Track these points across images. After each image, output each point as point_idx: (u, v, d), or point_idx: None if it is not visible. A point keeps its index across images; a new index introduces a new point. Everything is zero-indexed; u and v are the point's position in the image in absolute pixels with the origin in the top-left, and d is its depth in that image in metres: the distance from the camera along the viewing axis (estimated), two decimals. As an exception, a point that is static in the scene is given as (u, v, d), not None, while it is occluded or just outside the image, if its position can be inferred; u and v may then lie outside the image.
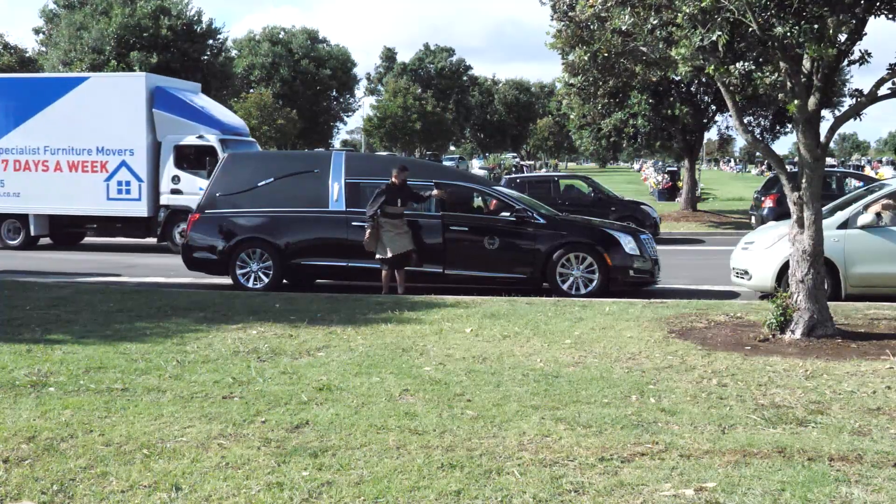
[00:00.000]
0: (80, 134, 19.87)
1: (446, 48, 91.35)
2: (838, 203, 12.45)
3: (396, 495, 4.53)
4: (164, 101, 20.08)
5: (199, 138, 19.70)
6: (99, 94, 19.99)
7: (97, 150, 19.89)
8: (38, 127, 20.08)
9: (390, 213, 12.37)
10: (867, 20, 8.24)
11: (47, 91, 20.38)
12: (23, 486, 4.67)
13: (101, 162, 19.97)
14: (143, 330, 9.20)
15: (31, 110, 20.19)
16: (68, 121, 19.91)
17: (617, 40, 8.76)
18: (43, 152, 20.14)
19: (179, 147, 19.72)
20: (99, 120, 19.77)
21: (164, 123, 19.93)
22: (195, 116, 20.35)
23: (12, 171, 20.33)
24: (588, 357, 7.91)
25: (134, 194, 19.93)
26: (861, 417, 5.95)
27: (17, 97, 20.40)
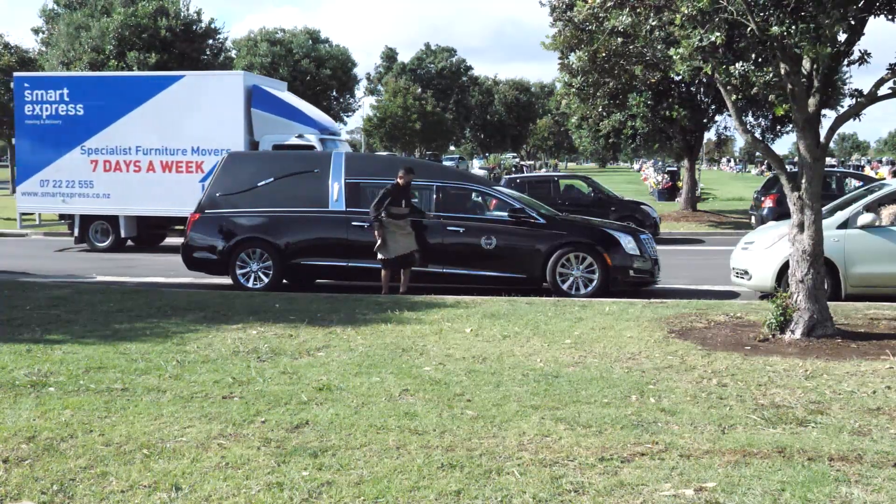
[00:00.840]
0: (174, 134, 19.48)
1: (447, 48, 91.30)
2: (838, 203, 12.45)
3: (396, 495, 4.53)
4: (262, 100, 19.73)
5: (300, 138, 19.35)
6: (195, 93, 19.60)
7: (192, 150, 19.51)
8: (130, 127, 19.70)
9: (395, 213, 12.37)
10: (867, 20, 8.24)
11: (139, 90, 19.96)
12: (23, 486, 4.67)
13: (196, 162, 19.60)
14: (143, 330, 9.20)
15: (122, 110, 19.79)
16: (162, 120, 19.53)
17: (616, 41, 8.76)
18: (135, 152, 19.78)
19: (278, 146, 19.25)
20: (194, 119, 19.38)
21: (261, 122, 19.54)
22: (292, 115, 20.01)
23: (102, 171, 19.90)
24: (588, 357, 7.91)
25: None
26: (861, 417, 5.95)
27: (108, 96, 19.94)
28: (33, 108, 20.19)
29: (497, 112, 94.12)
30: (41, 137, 20.08)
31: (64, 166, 20.02)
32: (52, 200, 20.29)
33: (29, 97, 20.22)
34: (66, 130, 19.98)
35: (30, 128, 20.29)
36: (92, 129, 19.92)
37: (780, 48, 7.95)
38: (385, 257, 12.40)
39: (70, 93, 20.08)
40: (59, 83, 20.40)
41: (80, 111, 19.97)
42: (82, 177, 20.00)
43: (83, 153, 19.97)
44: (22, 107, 20.38)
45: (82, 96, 20.03)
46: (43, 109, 20.18)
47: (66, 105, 20.06)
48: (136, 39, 29.09)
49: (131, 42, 29.05)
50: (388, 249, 12.37)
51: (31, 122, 20.24)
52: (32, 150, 20.28)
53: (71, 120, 19.97)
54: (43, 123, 20.16)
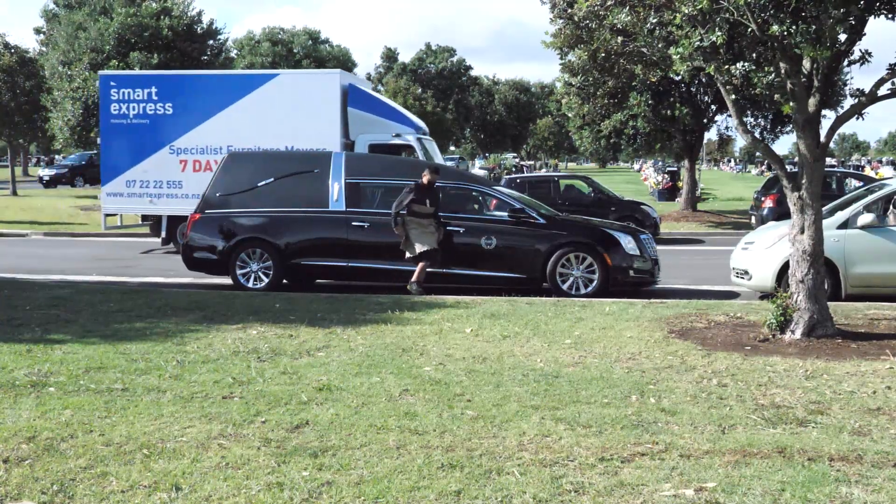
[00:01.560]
0: (267, 133, 18.97)
1: (447, 48, 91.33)
2: (838, 203, 12.45)
3: (396, 495, 4.53)
4: (359, 99, 19.35)
5: (397, 137, 18.95)
6: (289, 92, 19.13)
7: (287, 150, 18.83)
8: (221, 126, 19.23)
9: (418, 212, 12.31)
10: (867, 20, 8.24)
11: (231, 88, 19.55)
12: (23, 486, 4.67)
13: None
14: (143, 330, 9.20)
15: (213, 109, 19.35)
16: (254, 119, 19.07)
17: (616, 40, 8.76)
18: (226, 152, 18.96)
19: (374, 146, 18.92)
20: (289, 118, 18.89)
21: (358, 122, 19.12)
22: (389, 114, 19.62)
23: (191, 171, 19.33)
24: (588, 357, 7.91)
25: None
26: (861, 417, 5.95)
27: (198, 95, 19.53)
28: (119, 108, 19.61)
29: (497, 112, 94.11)
30: (127, 137, 19.48)
31: (151, 166, 19.51)
32: (139, 201, 19.66)
33: (115, 96, 19.62)
34: (153, 130, 19.45)
35: (115, 127, 19.67)
36: (181, 129, 19.42)
37: (781, 48, 7.94)
38: (412, 255, 12.36)
39: (159, 91, 19.56)
40: (148, 81, 19.90)
41: (168, 110, 19.48)
42: (171, 177, 19.42)
43: (172, 153, 19.38)
44: (107, 106, 19.68)
45: (171, 95, 19.54)
46: (130, 108, 19.60)
47: (155, 104, 19.53)
48: (138, 39, 29.09)
49: (132, 42, 29.05)
50: (413, 246, 12.34)
51: (117, 121, 19.63)
52: (118, 151, 19.71)
53: (159, 119, 19.47)
54: (130, 123, 19.58)
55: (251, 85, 19.46)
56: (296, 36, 69.21)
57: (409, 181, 13.56)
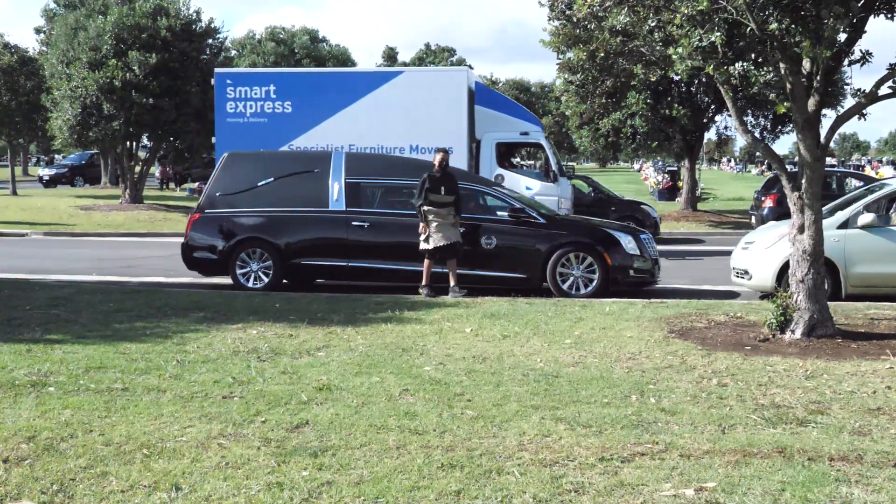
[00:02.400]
0: (392, 132, 18.59)
1: (447, 48, 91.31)
2: (838, 203, 12.45)
3: (396, 495, 4.53)
4: (486, 97, 19.04)
5: (525, 134, 18.66)
6: (414, 90, 18.64)
7: (411, 149, 18.67)
8: (341, 125, 18.81)
9: (434, 201, 12.15)
10: (867, 19, 8.24)
11: (354, 86, 19.14)
12: (23, 486, 4.67)
13: None
14: (143, 330, 9.20)
15: (335, 107, 18.88)
16: (378, 118, 18.68)
17: (615, 40, 8.76)
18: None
19: (502, 144, 18.72)
20: (414, 117, 18.48)
21: (485, 120, 18.76)
22: (515, 111, 19.24)
23: None
24: (588, 357, 7.91)
25: None
26: (861, 417, 5.95)
27: (319, 93, 19.09)
28: (236, 106, 19.16)
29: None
30: (244, 136, 18.86)
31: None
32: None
33: (231, 94, 19.15)
34: (271, 129, 18.97)
35: (231, 126, 19.17)
36: (301, 128, 18.98)
37: (780, 48, 7.94)
38: (426, 247, 12.16)
39: (277, 89, 19.14)
40: (266, 79, 19.51)
41: (287, 108, 19.04)
42: None
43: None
44: (223, 104, 19.12)
45: (291, 93, 19.13)
46: (247, 107, 19.15)
47: (273, 102, 19.08)
48: (136, 39, 29.04)
49: (129, 41, 28.99)
50: (429, 241, 12.12)
51: (233, 120, 19.16)
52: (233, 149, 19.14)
53: (277, 118, 19.00)
54: (246, 121, 19.14)
55: (374, 83, 19.04)
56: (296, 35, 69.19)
57: (408, 181, 13.57)
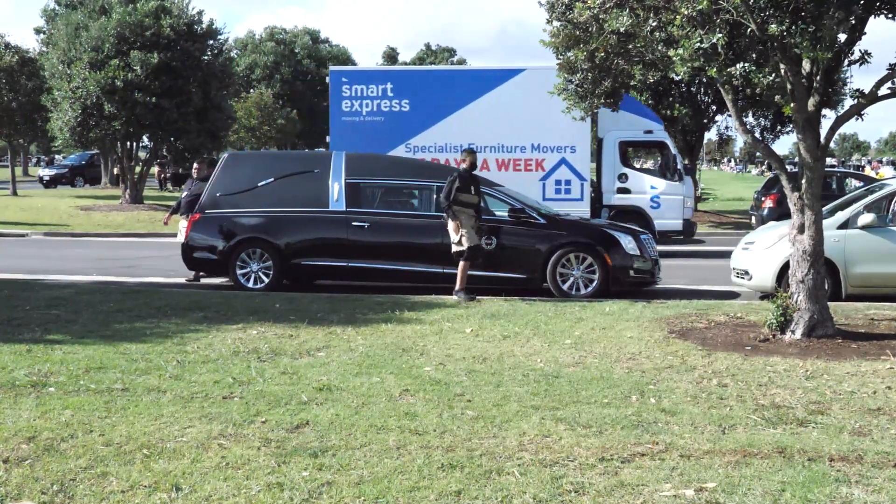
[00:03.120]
0: (512, 130, 18.42)
1: (447, 48, 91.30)
2: (839, 203, 12.45)
3: (396, 495, 4.53)
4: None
5: (648, 133, 18.54)
6: (536, 87, 17.75)
7: (532, 148, 18.54)
8: (461, 123, 18.62)
9: (465, 202, 11.92)
10: (867, 20, 8.23)
11: (473, 84, 18.90)
12: (23, 486, 4.67)
13: (536, 160, 18.62)
14: (143, 330, 9.20)
15: (454, 105, 18.66)
16: (499, 116, 18.46)
17: (614, 41, 8.75)
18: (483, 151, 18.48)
19: (625, 143, 18.61)
20: (536, 115, 18.02)
21: (606, 118, 18.49)
22: (637, 109, 19.09)
23: None
24: (588, 357, 7.90)
25: (575, 194, 18.59)
26: (861, 418, 5.95)
27: (438, 91, 18.88)
28: (352, 104, 19.03)
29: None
30: (359, 135, 18.82)
31: None
32: None
33: (347, 92, 18.99)
34: (388, 127, 18.79)
35: (347, 125, 19.03)
36: (418, 126, 18.84)
37: (780, 48, 7.94)
38: (460, 248, 11.88)
39: (395, 88, 19.01)
40: (383, 78, 19.37)
41: (405, 107, 18.92)
42: None
43: (408, 151, 18.80)
44: (339, 102, 19.09)
45: (408, 91, 18.98)
46: (363, 105, 18.96)
47: (390, 101, 18.85)
48: (137, 39, 29.05)
49: (131, 41, 29.01)
50: (462, 241, 11.87)
51: (349, 118, 19.03)
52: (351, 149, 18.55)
53: (395, 116, 18.80)
54: (363, 120, 18.98)
55: (494, 81, 18.82)
56: (297, 36, 69.21)
57: (408, 181, 13.58)
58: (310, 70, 66.17)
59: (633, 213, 18.43)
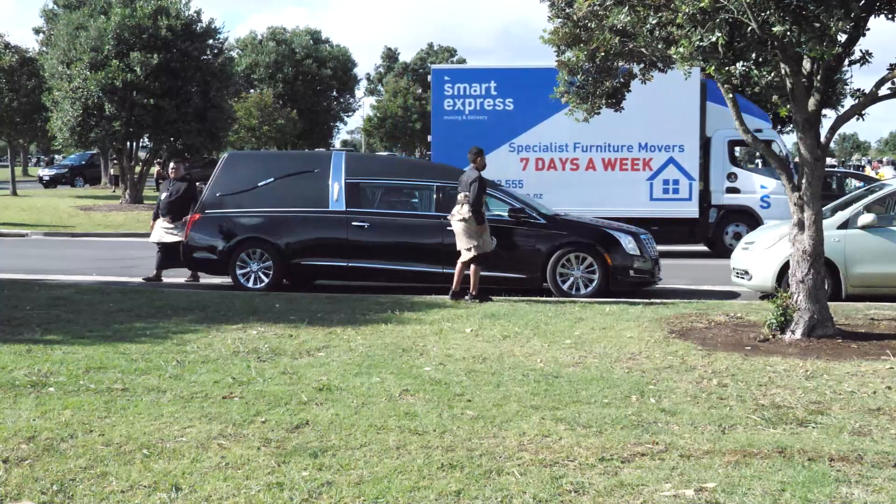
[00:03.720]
0: (618, 130, 17.94)
1: (448, 48, 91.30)
2: (839, 203, 12.45)
3: (396, 495, 4.52)
4: (717, 93, 17.85)
5: (758, 132, 17.37)
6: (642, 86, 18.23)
7: (639, 147, 18.28)
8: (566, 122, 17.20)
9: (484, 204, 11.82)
10: (867, 20, 8.23)
11: None
12: (23, 486, 4.67)
13: (643, 159, 18.37)
14: (143, 330, 9.20)
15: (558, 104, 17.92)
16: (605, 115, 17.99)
17: (615, 40, 8.75)
18: (572, 150, 18.43)
19: (734, 142, 18.37)
20: (641, 114, 17.25)
21: (715, 117, 18.22)
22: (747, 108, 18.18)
23: (533, 170, 18.49)
24: (588, 357, 7.90)
25: (683, 194, 18.29)
26: (861, 418, 5.95)
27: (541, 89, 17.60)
28: (454, 103, 18.77)
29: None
30: (462, 134, 18.36)
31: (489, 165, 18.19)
32: None
33: (449, 91, 18.74)
34: (491, 126, 18.47)
35: (449, 124, 18.74)
36: (522, 125, 18.48)
37: (781, 48, 7.94)
38: (477, 253, 11.66)
39: (498, 86, 18.73)
40: (486, 76, 18.99)
41: (509, 106, 18.64)
42: (510, 176, 18.41)
43: (512, 150, 18.57)
44: (440, 101, 18.85)
45: (513, 90, 18.69)
46: (465, 104, 18.68)
47: (494, 99, 18.56)
48: (137, 39, 29.06)
49: (131, 42, 29.02)
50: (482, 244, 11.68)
51: (451, 117, 18.74)
52: (453, 148, 18.28)
53: (498, 115, 18.48)
54: (465, 119, 18.69)
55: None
56: (297, 35, 69.20)
57: (408, 181, 13.57)
58: (310, 70, 66.15)
59: (743, 213, 18.32)
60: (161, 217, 14.29)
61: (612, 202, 18.26)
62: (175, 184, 14.42)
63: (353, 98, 77.73)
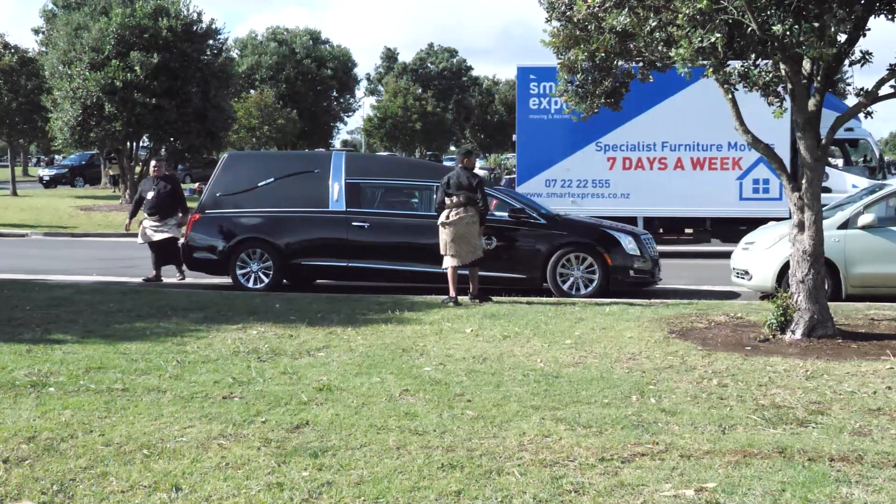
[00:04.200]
0: (707, 128, 17.74)
1: (448, 48, 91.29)
2: (839, 203, 12.45)
3: (396, 495, 4.52)
4: None
5: (849, 131, 17.94)
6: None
7: (729, 146, 18.05)
8: (654, 121, 18.02)
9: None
10: (868, 20, 8.23)
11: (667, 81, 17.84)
12: (23, 486, 4.67)
13: (733, 158, 18.18)
14: (143, 330, 9.20)
15: (646, 103, 17.91)
16: (694, 114, 17.73)
17: (614, 41, 8.75)
18: (660, 149, 18.17)
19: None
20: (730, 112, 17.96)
21: None
22: (833, 105, 18.30)
23: (620, 170, 18.35)
24: (588, 357, 7.90)
25: (773, 193, 18.09)
26: (861, 418, 5.94)
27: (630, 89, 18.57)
28: (539, 102, 18.52)
29: (497, 112, 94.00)
30: (548, 134, 18.36)
31: (575, 164, 18.39)
32: (560, 201, 18.10)
33: (534, 90, 18.57)
34: (577, 125, 17.79)
35: (535, 123, 18.59)
36: (609, 124, 18.09)
37: (781, 48, 7.94)
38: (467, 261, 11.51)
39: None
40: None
41: None
42: (597, 175, 18.39)
43: (598, 150, 18.41)
44: (526, 100, 18.70)
45: None
46: (552, 103, 18.36)
47: None
48: (137, 40, 29.07)
49: (131, 42, 29.03)
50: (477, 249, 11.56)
51: (537, 116, 18.57)
52: (538, 148, 18.51)
53: None
54: (551, 118, 18.49)
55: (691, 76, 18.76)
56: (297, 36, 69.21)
57: (408, 181, 13.57)
58: (310, 70, 66.15)
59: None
60: (148, 216, 14.26)
61: (700, 202, 18.07)
62: (159, 182, 14.39)
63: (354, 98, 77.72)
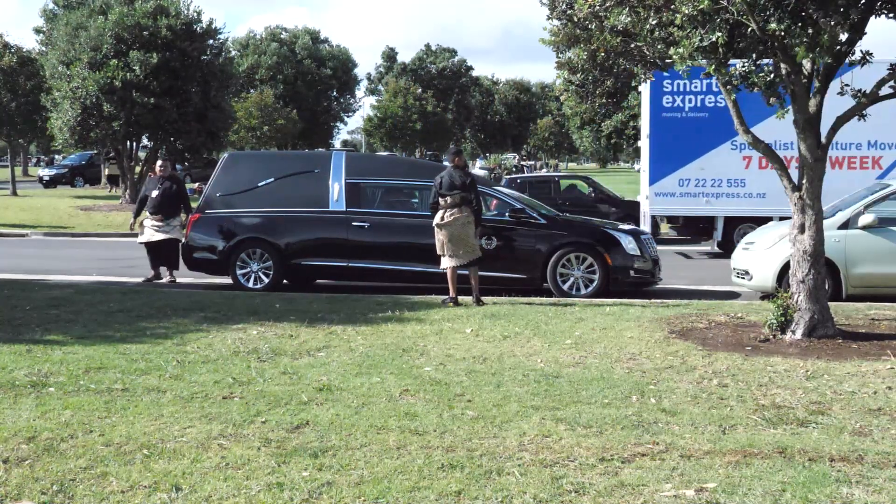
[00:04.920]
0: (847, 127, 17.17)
1: (448, 48, 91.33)
2: (839, 203, 12.44)
3: (397, 496, 4.52)
4: None
5: None
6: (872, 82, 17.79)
7: (868, 145, 17.71)
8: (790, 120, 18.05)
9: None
10: (868, 19, 8.23)
11: None
12: (23, 486, 4.66)
13: (872, 157, 17.83)
14: (143, 330, 9.20)
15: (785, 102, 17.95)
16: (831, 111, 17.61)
17: (615, 40, 8.75)
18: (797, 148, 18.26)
19: None
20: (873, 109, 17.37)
21: None
22: None
23: (756, 169, 17.83)
24: (588, 357, 7.90)
25: None
26: (862, 418, 5.94)
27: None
28: (673, 100, 18.15)
29: (497, 112, 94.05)
30: (681, 132, 17.97)
31: (709, 163, 18.08)
32: (694, 201, 18.07)
33: (668, 87, 18.12)
34: (712, 123, 17.76)
35: (668, 121, 18.18)
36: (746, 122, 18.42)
37: (781, 48, 7.94)
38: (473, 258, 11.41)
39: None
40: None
41: None
42: (732, 175, 18.02)
43: (734, 149, 17.89)
44: (659, 98, 18.31)
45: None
46: (685, 101, 18.10)
47: (715, 96, 17.68)
48: (136, 39, 29.07)
49: (130, 41, 29.03)
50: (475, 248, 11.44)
51: (670, 115, 18.15)
52: (672, 147, 18.06)
53: (720, 112, 17.22)
54: (685, 116, 18.15)
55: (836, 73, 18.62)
56: (297, 36, 69.24)
57: (409, 181, 13.56)
58: (310, 70, 66.16)
59: None
60: (150, 216, 14.20)
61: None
62: (164, 181, 14.37)
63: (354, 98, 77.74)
